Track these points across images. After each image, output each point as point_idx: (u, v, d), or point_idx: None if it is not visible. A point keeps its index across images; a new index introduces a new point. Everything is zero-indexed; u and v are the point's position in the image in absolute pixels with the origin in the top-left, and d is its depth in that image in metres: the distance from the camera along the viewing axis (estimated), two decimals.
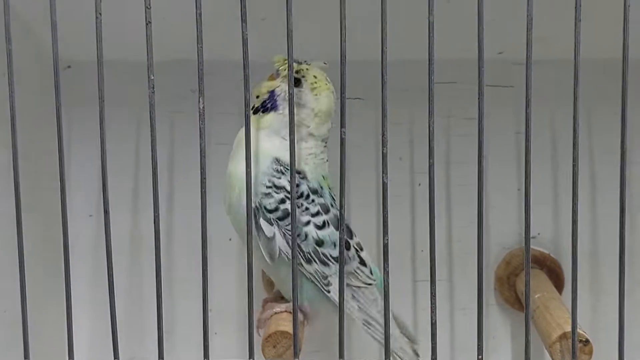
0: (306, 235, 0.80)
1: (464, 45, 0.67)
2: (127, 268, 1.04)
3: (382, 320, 0.74)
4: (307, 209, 0.80)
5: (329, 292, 0.82)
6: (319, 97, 0.80)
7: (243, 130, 0.77)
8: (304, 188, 0.80)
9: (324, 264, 0.81)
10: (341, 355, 0.68)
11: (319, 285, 0.81)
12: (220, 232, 0.95)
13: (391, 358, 0.72)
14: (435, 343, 0.68)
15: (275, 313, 0.82)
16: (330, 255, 0.81)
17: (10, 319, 0.77)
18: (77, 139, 1.03)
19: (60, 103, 0.64)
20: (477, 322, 0.68)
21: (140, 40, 0.65)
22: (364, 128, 1.00)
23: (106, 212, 0.66)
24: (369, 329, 0.83)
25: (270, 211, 0.78)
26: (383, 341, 0.72)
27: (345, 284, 0.82)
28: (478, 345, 0.68)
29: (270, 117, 0.81)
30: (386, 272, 0.67)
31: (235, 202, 0.80)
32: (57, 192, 0.68)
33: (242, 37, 0.64)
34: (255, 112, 0.81)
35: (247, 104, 0.68)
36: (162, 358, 0.68)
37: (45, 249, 0.91)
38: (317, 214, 0.80)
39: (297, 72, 0.79)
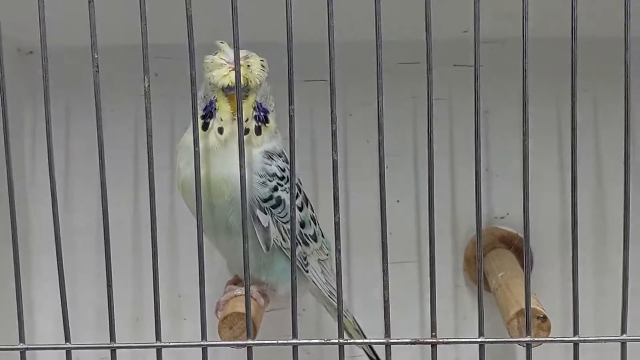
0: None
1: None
2: (94, 257, 1.04)
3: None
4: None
5: (307, 271, 0.83)
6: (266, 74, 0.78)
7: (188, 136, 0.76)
8: (287, 172, 0.78)
9: (305, 244, 0.82)
10: (294, 335, 0.68)
11: (300, 266, 0.82)
12: (188, 220, 0.94)
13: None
14: (389, 320, 0.67)
15: (235, 296, 0.81)
16: (309, 235, 0.82)
17: None
18: (42, 126, 1.02)
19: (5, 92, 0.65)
20: (429, 302, 0.68)
21: (109, 25, 0.68)
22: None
23: (53, 196, 0.67)
24: (332, 299, 0.85)
25: (265, 200, 0.78)
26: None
27: (317, 259, 0.84)
28: (432, 322, 0.68)
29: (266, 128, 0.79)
30: (338, 250, 0.67)
31: (224, 201, 0.77)
32: (20, 184, 0.68)
33: (187, 15, 0.64)
34: (247, 133, 0.77)
35: (192, 82, 0.67)
36: (114, 341, 0.69)
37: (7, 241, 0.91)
38: (297, 196, 0.80)
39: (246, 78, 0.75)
